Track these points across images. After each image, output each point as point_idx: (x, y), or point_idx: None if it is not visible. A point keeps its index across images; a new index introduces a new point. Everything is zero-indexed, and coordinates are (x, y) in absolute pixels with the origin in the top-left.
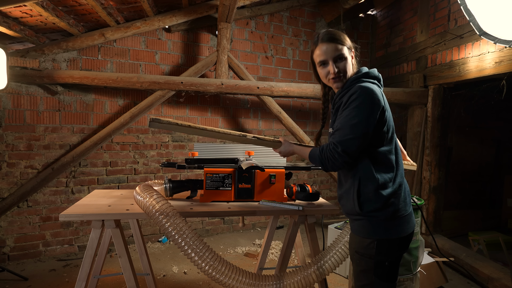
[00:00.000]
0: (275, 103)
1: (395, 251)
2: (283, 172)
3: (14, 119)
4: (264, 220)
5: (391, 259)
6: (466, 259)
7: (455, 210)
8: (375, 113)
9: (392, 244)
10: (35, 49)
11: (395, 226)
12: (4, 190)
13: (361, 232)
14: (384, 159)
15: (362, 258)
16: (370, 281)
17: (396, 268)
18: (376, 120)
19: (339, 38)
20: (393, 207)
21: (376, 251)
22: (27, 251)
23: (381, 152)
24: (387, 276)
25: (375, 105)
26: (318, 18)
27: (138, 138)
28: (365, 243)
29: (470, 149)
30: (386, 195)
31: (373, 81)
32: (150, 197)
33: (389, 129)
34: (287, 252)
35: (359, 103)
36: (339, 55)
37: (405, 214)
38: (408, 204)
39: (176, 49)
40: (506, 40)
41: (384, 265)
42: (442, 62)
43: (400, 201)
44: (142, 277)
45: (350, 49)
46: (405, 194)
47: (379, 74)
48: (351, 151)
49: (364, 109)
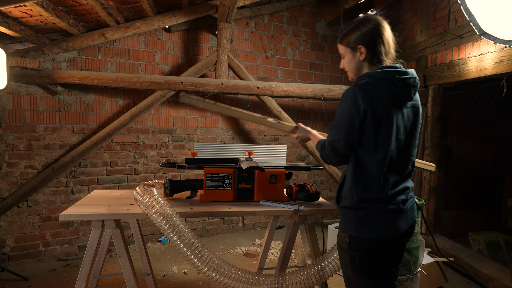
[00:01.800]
0: (275, 103)
1: (365, 250)
2: (283, 172)
3: (14, 119)
4: (264, 220)
5: (362, 256)
6: (466, 259)
7: (455, 210)
8: (359, 115)
9: (362, 243)
10: (35, 49)
11: (367, 226)
12: (4, 190)
13: (339, 225)
14: (370, 161)
15: (341, 251)
16: (351, 274)
17: (374, 267)
18: (361, 121)
19: (342, 38)
20: (369, 209)
21: (348, 246)
22: (27, 251)
23: (366, 155)
24: (365, 273)
25: (356, 108)
26: (318, 18)
27: (138, 138)
28: (342, 236)
29: (470, 149)
30: (362, 197)
31: (376, 81)
32: (150, 197)
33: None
34: (287, 252)
35: (343, 105)
36: (341, 53)
37: (384, 218)
38: (392, 210)
39: (176, 49)
40: (506, 40)
41: (355, 261)
42: (442, 62)
43: (383, 204)
44: (142, 277)
45: (354, 48)
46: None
47: (388, 74)
48: (340, 151)
49: (347, 112)
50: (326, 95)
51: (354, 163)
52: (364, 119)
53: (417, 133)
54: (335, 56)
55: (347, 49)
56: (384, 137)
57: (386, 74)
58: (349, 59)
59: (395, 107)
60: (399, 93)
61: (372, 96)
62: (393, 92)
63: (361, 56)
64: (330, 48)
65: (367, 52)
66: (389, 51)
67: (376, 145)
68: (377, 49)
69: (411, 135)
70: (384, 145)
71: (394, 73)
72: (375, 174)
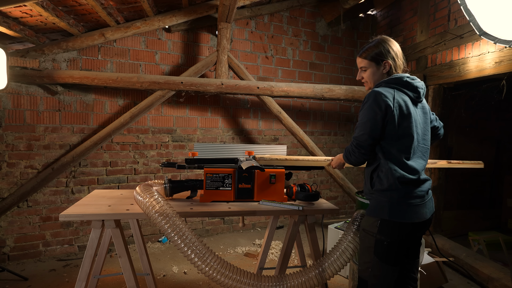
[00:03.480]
0: (275, 103)
1: (394, 235)
2: (283, 172)
3: (14, 119)
4: (264, 220)
5: (391, 240)
6: (466, 259)
7: (455, 210)
8: (381, 111)
9: (394, 226)
10: (35, 49)
11: (400, 210)
12: (4, 190)
13: (368, 211)
14: (393, 153)
15: (365, 236)
16: (370, 259)
17: (397, 253)
18: (383, 118)
19: (365, 52)
20: (398, 192)
21: (378, 229)
22: (27, 251)
23: (389, 147)
24: (386, 258)
25: (378, 106)
26: (318, 18)
27: (138, 138)
28: (370, 221)
29: (470, 149)
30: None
31: (392, 86)
32: (150, 197)
33: (398, 129)
34: (287, 252)
35: (366, 106)
36: (361, 67)
37: (414, 203)
38: (419, 196)
39: (176, 49)
40: (506, 40)
41: (382, 245)
42: (442, 62)
43: (407, 189)
44: (142, 277)
45: (378, 62)
46: (418, 186)
47: (406, 79)
48: (364, 145)
49: (370, 110)
50: (326, 95)
51: (381, 153)
52: (386, 114)
53: (429, 129)
54: (335, 56)
55: (372, 63)
56: (405, 128)
57: (399, 80)
58: (373, 71)
59: (410, 105)
60: (410, 95)
61: (390, 96)
62: (406, 94)
63: (384, 69)
64: (330, 48)
65: (390, 66)
66: (401, 64)
67: (400, 134)
68: (397, 63)
69: (426, 129)
70: (407, 134)
71: (404, 78)
72: (402, 160)
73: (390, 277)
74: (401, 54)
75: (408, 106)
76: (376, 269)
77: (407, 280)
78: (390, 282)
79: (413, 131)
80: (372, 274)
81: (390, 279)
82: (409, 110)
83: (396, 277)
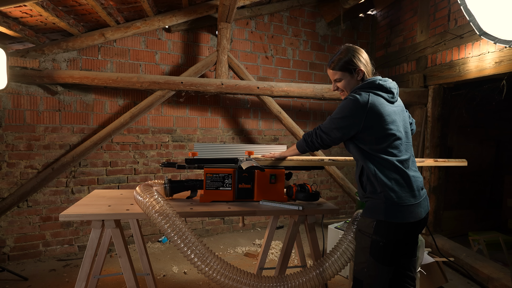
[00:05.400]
0: (275, 103)
1: (390, 235)
2: (283, 172)
3: (14, 119)
4: (264, 220)
5: (386, 241)
6: (466, 259)
7: (455, 210)
8: (357, 114)
9: (390, 227)
10: (35, 49)
11: (395, 211)
12: (4, 190)
13: (364, 212)
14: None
15: (361, 237)
16: (366, 259)
17: (393, 253)
18: (359, 122)
19: (335, 64)
20: (392, 193)
21: (374, 230)
22: (27, 251)
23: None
24: (381, 258)
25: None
26: (318, 18)
27: (138, 138)
28: (366, 222)
29: (470, 149)
30: (380, 182)
31: (366, 90)
32: (150, 197)
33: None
34: (287, 252)
35: (344, 103)
36: (336, 79)
37: (408, 203)
38: (413, 196)
39: (176, 49)
40: (506, 40)
41: (378, 245)
42: (442, 62)
43: (400, 190)
44: (142, 277)
45: (348, 70)
46: (410, 185)
47: (379, 82)
48: (327, 141)
49: (346, 109)
50: (326, 95)
51: (364, 156)
52: (363, 117)
53: (409, 126)
54: None
55: (345, 73)
56: (385, 129)
57: (372, 83)
58: (348, 81)
59: (387, 106)
60: (384, 97)
61: (365, 99)
62: (381, 96)
63: (358, 76)
64: (330, 48)
65: (364, 72)
66: (371, 69)
67: (381, 136)
68: (368, 69)
69: (406, 127)
70: (389, 134)
71: (377, 81)
72: (388, 160)
73: (385, 277)
74: (369, 59)
75: (385, 106)
76: (372, 269)
77: (405, 279)
78: (385, 282)
79: (395, 130)
80: (367, 274)
81: (385, 279)
82: (387, 110)
83: (391, 277)
